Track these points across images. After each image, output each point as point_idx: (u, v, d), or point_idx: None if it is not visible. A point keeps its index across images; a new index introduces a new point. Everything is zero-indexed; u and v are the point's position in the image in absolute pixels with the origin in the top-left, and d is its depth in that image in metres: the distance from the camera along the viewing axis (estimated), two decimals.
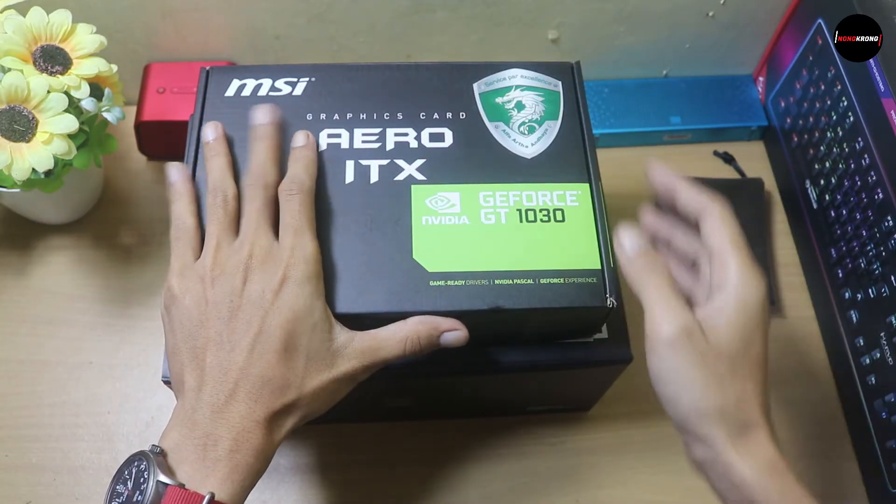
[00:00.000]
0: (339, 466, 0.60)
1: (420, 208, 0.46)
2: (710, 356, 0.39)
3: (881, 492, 0.59)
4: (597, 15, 0.70)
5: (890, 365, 0.57)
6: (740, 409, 0.39)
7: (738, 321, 0.40)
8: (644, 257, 0.42)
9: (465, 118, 0.49)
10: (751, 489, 0.38)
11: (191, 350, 0.40)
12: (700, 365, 0.38)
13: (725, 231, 0.42)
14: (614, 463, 0.61)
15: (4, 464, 0.59)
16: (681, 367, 0.39)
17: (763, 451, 0.38)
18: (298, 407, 0.40)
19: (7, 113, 0.53)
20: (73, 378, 0.62)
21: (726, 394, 0.39)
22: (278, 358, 0.39)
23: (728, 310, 0.40)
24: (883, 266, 0.58)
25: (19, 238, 0.68)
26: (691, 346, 0.39)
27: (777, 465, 0.38)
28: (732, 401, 0.39)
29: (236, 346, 0.39)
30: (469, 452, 0.61)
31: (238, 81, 0.50)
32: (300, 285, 0.40)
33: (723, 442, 0.38)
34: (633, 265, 0.42)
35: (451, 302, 0.43)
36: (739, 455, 0.38)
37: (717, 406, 0.38)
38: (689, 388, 0.39)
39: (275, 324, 0.39)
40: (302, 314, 0.40)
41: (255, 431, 0.38)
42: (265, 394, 0.38)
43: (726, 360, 0.39)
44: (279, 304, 0.39)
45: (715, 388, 0.38)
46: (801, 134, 0.71)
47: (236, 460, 0.37)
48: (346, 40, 0.70)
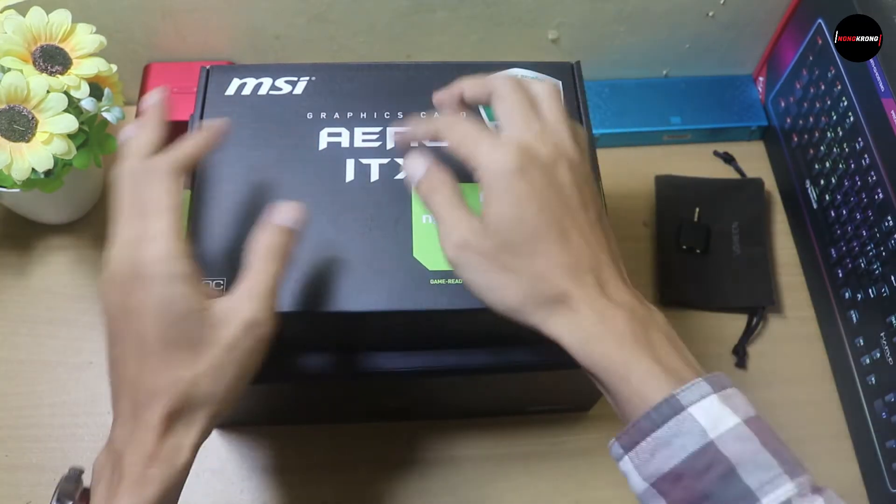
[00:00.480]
0: (337, 466, 0.60)
1: (420, 207, 0.46)
2: (492, 254, 0.37)
3: (881, 492, 0.59)
4: (597, 15, 0.70)
5: (890, 365, 0.57)
6: (542, 288, 0.37)
7: (497, 207, 0.37)
8: (426, 180, 0.40)
9: (464, 118, 0.49)
10: (579, 359, 0.36)
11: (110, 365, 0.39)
12: (486, 268, 0.37)
13: (499, 110, 0.40)
14: (614, 463, 0.61)
15: (4, 464, 0.59)
16: (474, 279, 0.38)
17: (577, 317, 0.36)
18: (198, 400, 0.37)
19: (7, 113, 0.53)
20: (73, 378, 0.62)
21: (521, 282, 0.37)
22: (157, 359, 0.37)
23: (487, 200, 0.38)
24: (883, 266, 0.58)
25: (19, 238, 0.68)
26: (471, 255, 0.37)
27: (594, 328, 0.36)
28: (531, 284, 0.37)
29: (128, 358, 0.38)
30: (469, 452, 0.61)
31: (238, 80, 0.50)
32: (152, 286, 0.37)
33: (544, 323, 0.37)
34: (420, 189, 0.40)
35: (452, 300, 0.43)
36: (559, 329, 0.37)
37: (520, 296, 0.37)
38: (490, 293, 0.38)
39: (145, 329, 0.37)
40: (163, 310, 0.37)
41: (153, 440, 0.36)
42: (154, 401, 0.37)
43: (506, 250, 0.37)
44: (143, 310, 0.37)
45: (509, 282, 0.37)
46: (801, 134, 0.71)
47: (142, 473, 0.36)
48: (346, 40, 0.71)
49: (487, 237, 0.37)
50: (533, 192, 0.37)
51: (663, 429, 0.33)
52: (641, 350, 0.35)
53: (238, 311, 0.38)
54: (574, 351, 0.36)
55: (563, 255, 0.37)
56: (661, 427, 0.33)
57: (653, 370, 0.35)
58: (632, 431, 0.35)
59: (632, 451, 0.35)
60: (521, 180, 0.37)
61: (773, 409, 0.64)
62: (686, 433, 0.33)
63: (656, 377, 0.34)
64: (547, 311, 0.37)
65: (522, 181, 0.37)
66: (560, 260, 0.37)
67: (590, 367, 0.36)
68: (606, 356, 0.35)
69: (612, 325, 0.36)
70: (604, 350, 0.36)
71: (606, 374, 0.36)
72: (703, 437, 0.33)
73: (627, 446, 0.35)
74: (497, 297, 0.38)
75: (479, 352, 0.49)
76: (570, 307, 0.37)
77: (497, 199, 0.37)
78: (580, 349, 0.36)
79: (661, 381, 0.34)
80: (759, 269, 0.69)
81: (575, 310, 0.36)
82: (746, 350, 0.66)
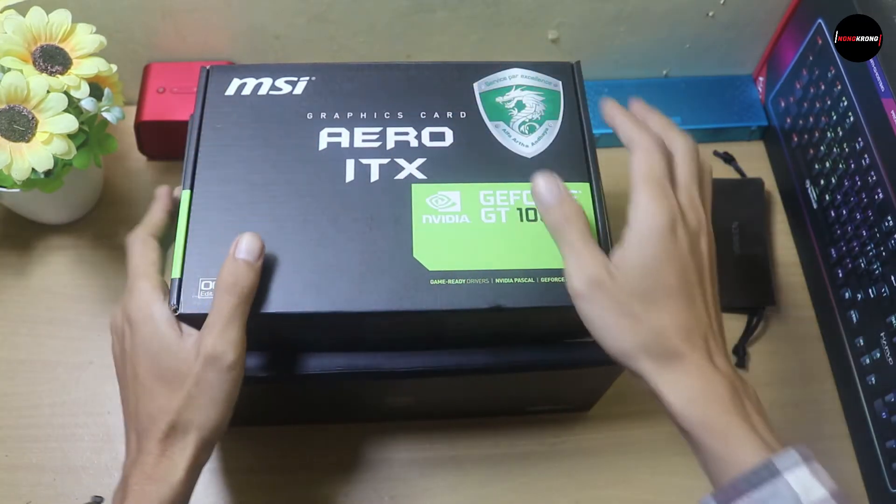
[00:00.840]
0: (337, 466, 0.60)
1: (420, 207, 0.46)
2: (623, 298, 0.39)
3: (881, 492, 0.59)
4: (597, 15, 0.70)
5: (890, 365, 0.57)
6: (660, 343, 0.39)
7: (641, 257, 0.40)
8: (560, 207, 0.42)
9: (465, 117, 0.49)
10: (677, 418, 0.39)
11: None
12: (612, 310, 0.39)
13: (640, 166, 0.42)
14: (614, 463, 0.61)
15: (4, 464, 0.59)
16: (596, 315, 0.40)
17: (686, 377, 0.39)
18: (184, 427, 0.42)
19: (7, 113, 0.53)
20: (73, 378, 0.62)
21: (642, 331, 0.39)
22: (147, 391, 0.42)
23: (632, 246, 0.40)
24: (883, 266, 0.58)
25: (19, 238, 0.68)
26: (601, 294, 0.40)
27: (701, 391, 0.39)
28: (652, 336, 0.39)
29: (129, 394, 0.44)
30: (469, 452, 0.61)
31: (238, 80, 0.50)
32: (136, 330, 0.43)
33: (650, 374, 0.39)
34: (549, 215, 0.43)
35: (452, 301, 0.43)
36: (666, 385, 0.39)
37: (637, 344, 0.39)
38: (608, 333, 0.40)
39: (136, 368, 0.43)
40: (146, 350, 0.43)
41: (151, 462, 0.41)
42: (150, 428, 0.42)
43: (637, 298, 0.39)
44: (133, 351, 0.43)
45: (630, 328, 0.39)
46: (801, 134, 0.71)
47: (142, 491, 0.41)
48: (346, 40, 0.71)
49: (621, 280, 0.40)
50: (676, 253, 0.40)
51: (760, 490, 0.36)
52: (739, 416, 0.38)
53: (201, 346, 0.41)
54: (676, 407, 0.39)
55: (685, 318, 0.40)
56: (757, 488, 0.36)
57: (749, 436, 0.38)
58: (728, 490, 0.36)
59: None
60: (669, 239, 0.40)
61: (773, 409, 0.64)
62: (781, 496, 0.35)
63: (752, 443, 0.37)
64: (657, 364, 0.39)
65: (670, 240, 0.40)
66: (682, 321, 0.40)
67: (689, 425, 0.39)
68: (709, 417, 0.38)
69: (716, 389, 0.39)
70: (706, 411, 0.38)
71: (705, 433, 0.38)
72: (796, 502, 0.35)
73: (723, 502, 0.37)
74: (612, 338, 0.40)
75: (479, 352, 0.49)
76: (681, 366, 0.39)
77: (642, 248, 0.40)
78: (683, 407, 0.39)
79: (756, 447, 0.37)
80: (759, 269, 0.69)
81: (685, 370, 0.39)
82: (746, 350, 0.66)
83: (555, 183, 0.43)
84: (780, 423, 0.64)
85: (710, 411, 0.38)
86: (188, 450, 0.42)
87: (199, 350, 0.41)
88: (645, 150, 0.42)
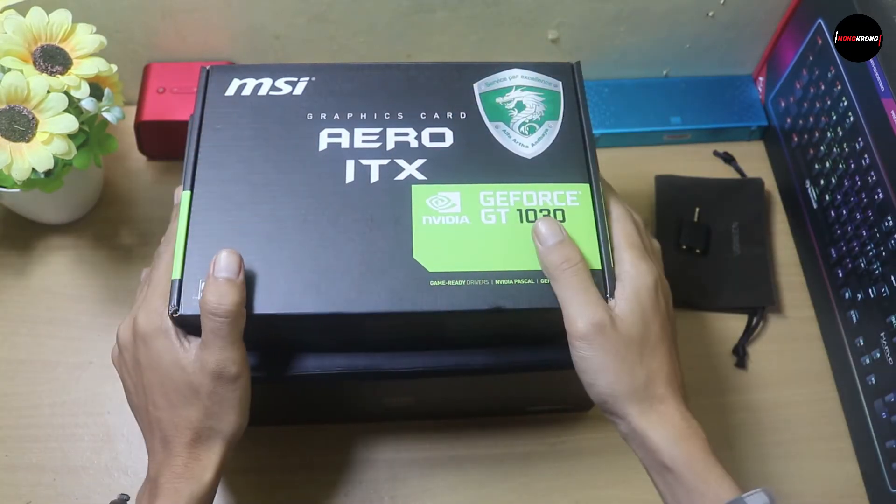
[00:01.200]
0: (337, 466, 0.60)
1: (420, 208, 0.46)
2: (621, 345, 0.43)
3: (881, 492, 0.59)
4: (597, 15, 0.70)
5: (890, 365, 0.57)
6: (648, 388, 0.43)
7: (634, 309, 0.43)
8: (560, 249, 0.44)
9: (465, 118, 0.49)
10: (662, 454, 0.42)
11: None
12: (612, 354, 0.43)
13: (619, 230, 0.46)
14: (614, 463, 0.61)
15: (4, 464, 0.59)
16: (596, 358, 0.43)
17: (670, 420, 0.43)
18: (209, 431, 0.44)
19: (7, 113, 0.53)
20: (73, 378, 0.62)
21: (636, 377, 0.43)
22: (167, 402, 0.44)
23: (627, 299, 0.44)
24: (883, 266, 0.58)
25: (19, 238, 0.68)
26: (603, 338, 0.42)
27: (684, 432, 0.43)
28: (642, 382, 0.43)
29: (148, 405, 0.45)
30: (469, 452, 0.61)
31: (238, 81, 0.50)
32: (146, 342, 0.44)
33: (636, 417, 0.43)
34: (549, 256, 0.44)
35: (452, 302, 0.43)
36: (651, 426, 0.43)
37: (629, 388, 0.43)
38: (604, 376, 0.43)
39: (152, 381, 0.45)
40: (156, 365, 0.44)
41: (182, 463, 0.44)
42: (178, 434, 0.44)
43: (634, 346, 0.43)
44: (146, 364, 0.44)
45: (626, 373, 0.43)
46: (801, 134, 0.71)
47: (175, 489, 0.43)
48: (346, 40, 0.70)
49: (621, 327, 0.43)
50: (660, 310, 0.45)
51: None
52: (714, 457, 0.43)
53: (204, 363, 0.43)
54: (662, 446, 0.42)
55: (668, 367, 0.44)
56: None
57: (725, 476, 0.42)
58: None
59: None
60: (656, 296, 0.44)
61: (773, 409, 0.64)
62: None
63: (727, 482, 0.42)
64: (644, 407, 0.43)
65: (657, 297, 0.45)
66: (667, 369, 0.44)
67: (672, 462, 0.42)
68: (692, 456, 0.42)
69: (696, 431, 0.43)
70: (690, 450, 0.42)
71: (687, 470, 0.42)
72: None
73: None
74: (607, 382, 0.43)
75: (478, 352, 0.49)
76: (665, 409, 0.43)
77: (638, 301, 0.44)
78: (668, 445, 0.42)
79: (731, 486, 0.41)
80: (759, 269, 0.69)
81: (668, 413, 0.43)
82: (746, 350, 0.66)
83: (557, 225, 0.45)
84: (780, 422, 0.64)
85: (693, 450, 0.42)
86: (215, 451, 0.44)
87: (203, 367, 0.43)
88: (618, 216, 0.47)
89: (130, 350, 0.45)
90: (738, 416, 0.63)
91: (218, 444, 0.45)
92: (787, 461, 0.62)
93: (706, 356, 0.66)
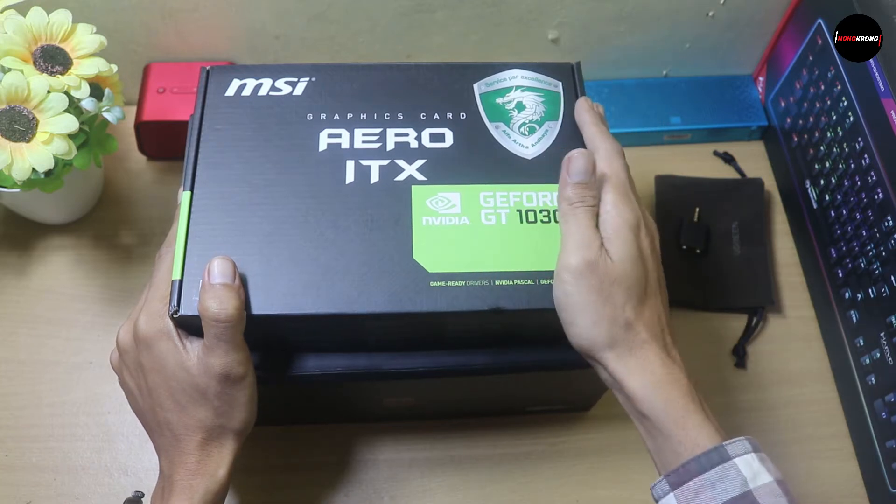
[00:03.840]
0: (338, 466, 0.60)
1: (420, 209, 0.46)
2: (606, 284, 0.41)
3: (881, 492, 0.59)
4: (597, 15, 0.70)
5: (890, 365, 0.57)
6: (628, 332, 0.42)
7: (618, 248, 0.42)
8: (583, 189, 0.44)
9: (465, 118, 0.49)
10: (639, 401, 0.41)
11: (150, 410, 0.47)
12: (595, 293, 0.41)
13: (606, 169, 0.45)
14: (614, 463, 0.61)
15: (4, 464, 0.59)
16: (581, 294, 0.42)
17: (649, 366, 0.41)
18: (220, 430, 0.45)
19: (7, 113, 0.53)
20: (73, 378, 0.62)
21: (616, 319, 0.41)
22: (175, 404, 0.44)
23: (610, 240, 0.43)
24: (883, 266, 0.58)
25: (19, 238, 0.68)
26: (593, 276, 0.41)
27: (663, 378, 0.41)
28: (622, 325, 0.41)
29: (155, 407, 0.45)
30: (469, 452, 0.61)
31: (238, 81, 0.50)
32: (149, 346, 0.44)
33: (613, 361, 0.42)
34: (570, 189, 0.44)
35: (452, 303, 0.43)
36: (629, 372, 0.41)
37: (608, 331, 0.41)
38: (586, 316, 0.42)
39: (157, 383, 0.45)
40: (160, 368, 0.44)
41: (195, 461, 0.44)
42: (190, 433, 0.44)
43: (617, 286, 0.42)
44: (149, 367, 0.45)
45: (607, 316, 0.41)
46: (801, 134, 0.71)
47: (189, 485, 0.44)
48: (346, 40, 0.70)
49: (610, 267, 0.42)
50: (643, 250, 0.43)
51: (711, 472, 0.38)
52: (695, 403, 0.41)
53: (210, 366, 0.43)
54: (639, 392, 0.41)
55: (650, 311, 0.43)
56: (708, 471, 0.38)
57: (705, 423, 0.40)
58: (681, 471, 0.39)
59: (678, 489, 0.39)
60: (638, 237, 0.43)
61: (773, 409, 0.64)
62: (730, 479, 0.38)
63: (707, 428, 0.40)
64: (622, 351, 0.42)
65: (638, 238, 0.43)
66: (648, 314, 0.42)
67: (649, 409, 0.41)
68: (670, 402, 0.41)
69: (676, 377, 0.41)
70: (668, 396, 0.41)
71: (665, 416, 0.40)
72: (743, 486, 0.38)
73: (675, 483, 0.39)
74: (588, 323, 0.42)
75: (478, 353, 0.49)
76: (644, 355, 0.42)
77: (623, 243, 0.42)
78: (647, 392, 0.41)
79: (710, 433, 0.40)
80: (759, 269, 0.69)
81: (647, 358, 0.42)
82: (746, 350, 0.66)
83: (592, 165, 0.44)
84: (780, 423, 0.64)
85: (671, 396, 0.41)
86: (227, 447, 0.45)
87: (209, 370, 0.43)
88: (606, 154, 0.46)
89: (132, 353, 0.46)
90: (737, 416, 0.64)
91: (229, 441, 0.45)
92: (787, 461, 0.62)
93: (706, 356, 0.66)
